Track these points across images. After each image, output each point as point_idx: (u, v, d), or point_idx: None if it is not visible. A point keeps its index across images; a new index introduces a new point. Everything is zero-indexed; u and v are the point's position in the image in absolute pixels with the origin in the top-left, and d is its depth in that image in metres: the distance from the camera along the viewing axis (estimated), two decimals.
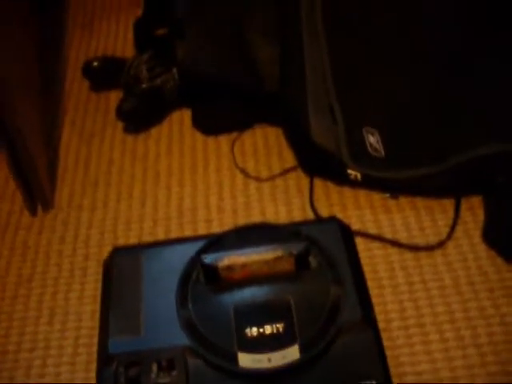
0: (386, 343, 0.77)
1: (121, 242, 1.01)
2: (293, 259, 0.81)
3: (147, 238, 1.01)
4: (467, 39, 1.04)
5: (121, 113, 1.12)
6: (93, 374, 0.82)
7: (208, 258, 0.81)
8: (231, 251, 0.82)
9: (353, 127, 1.01)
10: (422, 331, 0.87)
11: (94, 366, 0.86)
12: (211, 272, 0.81)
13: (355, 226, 0.98)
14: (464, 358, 0.84)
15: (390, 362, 0.75)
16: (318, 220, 0.98)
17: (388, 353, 0.76)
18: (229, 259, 0.82)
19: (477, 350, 0.85)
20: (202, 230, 1.02)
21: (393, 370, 0.75)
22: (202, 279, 0.83)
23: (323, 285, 0.82)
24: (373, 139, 1.00)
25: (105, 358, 0.78)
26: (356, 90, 1.03)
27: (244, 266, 0.81)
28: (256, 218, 1.02)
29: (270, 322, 0.79)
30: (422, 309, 0.89)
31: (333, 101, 1.02)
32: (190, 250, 0.87)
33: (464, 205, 1.00)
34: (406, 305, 0.90)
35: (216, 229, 1.01)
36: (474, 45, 1.03)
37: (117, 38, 1.39)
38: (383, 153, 1.00)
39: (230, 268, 0.81)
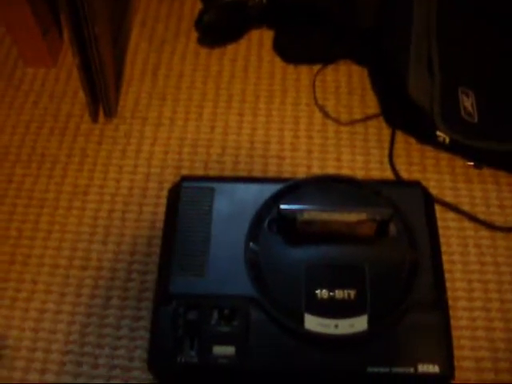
0: None
1: (185, 165, 0.95)
2: (375, 225, 0.76)
3: (214, 166, 0.95)
4: None
5: (201, 25, 1.03)
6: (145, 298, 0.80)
7: (287, 208, 0.76)
8: (311, 204, 0.77)
9: (449, 84, 0.94)
10: (487, 316, 0.84)
11: (145, 296, 0.84)
12: (288, 223, 0.76)
13: (433, 190, 0.92)
14: None
15: None
16: (401, 182, 0.92)
17: None
18: (309, 214, 0.76)
19: None
20: (272, 167, 0.95)
21: None
22: (275, 227, 0.78)
23: (400, 257, 0.77)
24: (467, 102, 0.93)
25: (164, 296, 0.74)
26: (458, 48, 0.96)
27: (324, 223, 0.76)
28: (331, 163, 0.96)
29: (343, 286, 0.75)
30: (491, 293, 0.85)
31: (433, 54, 0.94)
32: (265, 192, 0.81)
33: None
34: (474, 285, 0.86)
35: (288, 168, 0.95)
36: None
37: None
38: (476, 118, 0.92)
39: (308, 222, 0.76)
